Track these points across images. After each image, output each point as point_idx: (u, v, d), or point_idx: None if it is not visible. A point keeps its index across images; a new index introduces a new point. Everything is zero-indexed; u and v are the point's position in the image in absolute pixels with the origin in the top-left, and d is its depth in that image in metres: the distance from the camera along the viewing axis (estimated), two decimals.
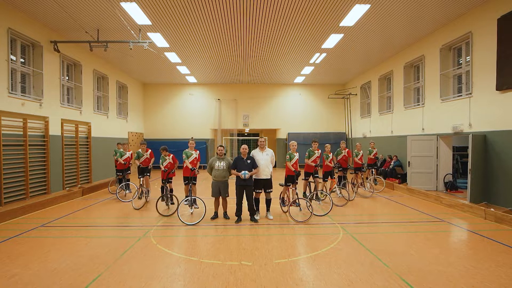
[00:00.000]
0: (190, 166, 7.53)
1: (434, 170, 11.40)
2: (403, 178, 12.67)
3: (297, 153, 7.84)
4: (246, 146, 7.10)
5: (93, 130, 13.97)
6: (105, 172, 14.67)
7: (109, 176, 14.50)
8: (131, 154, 10.26)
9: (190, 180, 7.48)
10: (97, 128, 14.38)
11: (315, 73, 17.73)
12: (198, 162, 7.96)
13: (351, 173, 11.19)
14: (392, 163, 13.95)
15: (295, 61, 15.52)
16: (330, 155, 9.35)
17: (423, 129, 12.19)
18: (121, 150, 10.10)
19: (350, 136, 19.93)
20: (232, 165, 7.11)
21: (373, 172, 11.44)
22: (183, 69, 16.86)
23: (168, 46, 12.84)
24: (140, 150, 9.48)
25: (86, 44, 11.29)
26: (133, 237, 5.96)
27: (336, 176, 9.92)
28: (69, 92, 12.75)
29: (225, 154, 7.34)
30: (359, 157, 10.81)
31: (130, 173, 10.25)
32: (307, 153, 8.54)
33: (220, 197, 7.29)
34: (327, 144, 9.55)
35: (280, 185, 7.75)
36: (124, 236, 6.13)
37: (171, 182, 8.27)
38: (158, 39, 11.97)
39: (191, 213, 7.37)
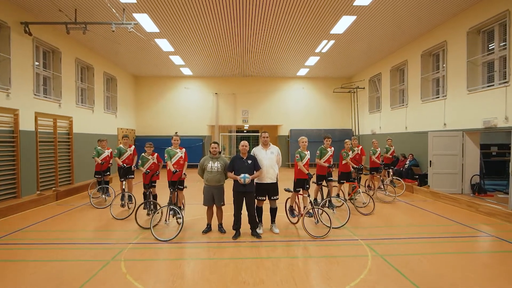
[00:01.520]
0: (172, 169, 6.12)
1: (459, 171, 10.04)
2: (421, 179, 11.29)
3: (308, 151, 6.44)
4: (246, 142, 5.71)
5: (76, 126, 12.54)
6: (90, 172, 13.18)
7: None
8: (111, 153, 8.83)
9: (175, 185, 6.04)
10: (81, 123, 12.95)
11: (320, 64, 16.30)
12: (186, 163, 6.54)
13: (364, 174, 9.80)
14: (407, 162, 12.57)
15: (300, 51, 14.09)
16: (350, 153, 7.97)
17: (444, 124, 10.81)
18: (99, 148, 8.66)
19: (356, 133, 18.54)
20: (228, 167, 5.72)
21: (390, 173, 10.06)
22: (177, 60, 15.41)
23: (158, 31, 11.40)
24: (121, 145, 8.06)
25: (65, 29, 9.83)
26: (99, 261, 4.57)
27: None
28: (46, 83, 11.31)
29: (220, 152, 5.95)
30: (376, 155, 9.43)
31: (109, 174, 8.82)
32: (318, 152, 7.14)
33: (214, 205, 5.91)
34: (346, 140, 8.15)
35: (286, 190, 6.34)
36: (88, 258, 4.73)
37: (154, 186, 6.85)
38: (146, 22, 10.52)
39: (167, 224, 5.94)
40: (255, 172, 5.62)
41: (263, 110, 19.77)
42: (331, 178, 7.09)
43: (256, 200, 5.84)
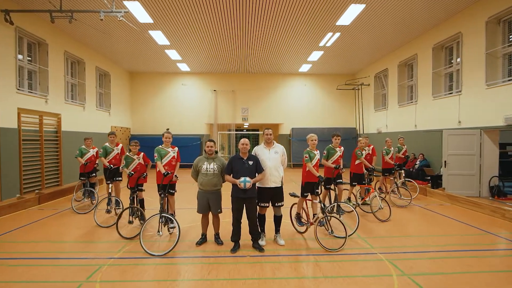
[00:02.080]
0: (162, 170, 5.32)
1: (476, 172, 9.29)
2: (433, 181, 10.53)
3: (318, 151, 5.68)
4: (246, 140, 4.93)
5: (65, 123, 11.75)
6: None
7: None
8: (96, 152, 8.03)
9: (165, 189, 5.26)
10: (70, 120, 12.16)
11: (323, 60, 15.53)
12: (178, 164, 5.77)
13: (375, 176, 9.01)
14: (417, 162, 11.81)
15: (303, 45, 13.31)
16: (364, 152, 7.21)
17: (459, 122, 10.06)
18: (83, 147, 7.88)
19: (361, 132, 17.79)
20: (226, 169, 4.96)
21: (401, 175, 9.29)
22: (173, 54, 14.62)
23: (152, 21, 10.62)
24: (107, 144, 7.28)
25: (50, 18, 9.02)
26: (70, 283, 3.81)
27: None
28: (31, 77, 10.51)
29: (217, 152, 5.18)
30: (389, 155, 8.66)
31: (95, 175, 8.03)
32: (325, 152, 6.37)
33: (210, 213, 5.14)
34: (360, 138, 7.38)
35: (292, 195, 5.57)
36: (58, 279, 3.96)
37: (141, 190, 6.06)
38: (138, 11, 9.74)
39: (160, 235, 5.09)
40: (257, 175, 4.85)
41: (263, 108, 19.00)
42: (341, 180, 6.31)
43: (258, 207, 5.08)
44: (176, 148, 5.78)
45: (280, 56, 15.18)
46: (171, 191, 5.53)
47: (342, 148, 6.43)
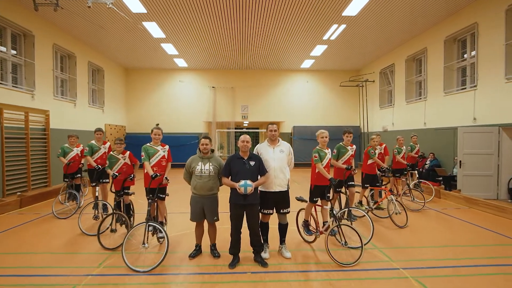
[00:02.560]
0: (150, 172, 4.64)
1: (494, 172, 8.62)
2: (445, 182, 9.87)
3: (329, 150, 5.00)
4: (247, 137, 4.26)
5: (54, 120, 11.07)
6: None
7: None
8: (81, 151, 7.35)
9: (155, 193, 4.58)
10: (60, 118, 11.48)
11: (327, 54, 14.84)
12: (169, 164, 5.09)
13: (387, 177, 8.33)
14: (427, 162, 11.14)
15: (306, 38, 12.62)
16: (376, 151, 6.54)
17: (474, 118, 9.39)
18: (66, 145, 7.19)
19: (365, 130, 17.12)
20: (223, 170, 4.28)
21: (414, 175, 8.63)
22: (170, 48, 13.93)
23: (146, 11, 9.93)
24: (93, 141, 6.59)
25: (41, 9, 8.35)
26: None
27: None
28: (16, 70, 9.82)
29: (213, 151, 4.50)
30: (401, 155, 7.99)
31: (80, 176, 7.34)
32: (335, 151, 5.70)
33: (205, 221, 4.47)
34: (373, 136, 6.69)
35: (299, 199, 4.90)
36: None
37: (128, 194, 5.37)
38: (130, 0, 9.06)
39: (145, 247, 4.35)
40: (259, 177, 4.18)
41: (264, 105, 18.31)
42: (352, 183, 5.64)
43: (260, 214, 4.40)
44: (167, 147, 5.10)
45: (282, 51, 14.49)
46: (160, 195, 4.84)
47: (354, 146, 5.76)
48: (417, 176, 8.54)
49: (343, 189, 5.64)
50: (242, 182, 3.97)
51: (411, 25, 11.24)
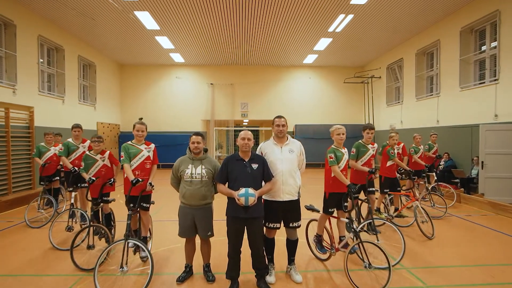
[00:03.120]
0: (131, 177, 3.81)
1: None
2: (463, 184, 9.07)
3: (346, 149, 4.20)
4: (249, 133, 3.44)
5: (39, 118, 10.25)
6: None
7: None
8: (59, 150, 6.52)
9: (137, 203, 3.78)
10: (46, 115, 10.66)
11: (331, 48, 14.04)
12: (154, 167, 4.27)
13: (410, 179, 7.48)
14: (441, 162, 10.34)
15: (310, 31, 11.81)
16: (395, 150, 5.74)
17: (496, 115, 8.60)
18: (42, 144, 6.37)
19: None
20: (218, 175, 3.47)
21: (432, 178, 7.81)
22: (165, 42, 13.10)
23: None
24: (70, 139, 5.78)
25: None
26: None
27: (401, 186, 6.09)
28: None
29: (206, 151, 3.69)
30: (418, 154, 7.19)
31: (58, 179, 6.51)
32: (354, 150, 4.89)
33: (197, 236, 3.66)
34: (392, 134, 5.87)
35: (309, 209, 4.09)
36: None
37: (108, 201, 4.56)
38: None
39: (124, 271, 3.45)
40: (263, 184, 3.38)
41: (264, 102, 17.49)
42: (373, 188, 4.83)
43: (265, 229, 3.60)
44: (152, 146, 4.27)
45: (284, 45, 13.69)
46: (144, 205, 4.02)
47: (376, 145, 4.96)
48: (435, 178, 7.73)
49: (361, 195, 4.84)
50: (242, 190, 3.16)
51: (423, 16, 10.44)
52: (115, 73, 16.60)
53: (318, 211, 4.14)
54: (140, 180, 3.72)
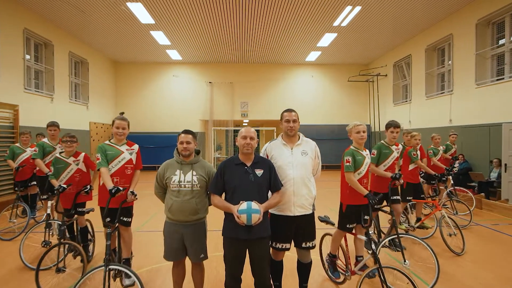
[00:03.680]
0: (108, 184, 3.08)
1: None
2: (482, 189, 8.38)
3: (367, 151, 3.50)
4: (251, 130, 2.73)
5: (25, 117, 9.55)
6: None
7: None
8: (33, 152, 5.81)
9: (116, 217, 3.08)
10: (33, 114, 9.96)
11: (336, 45, 13.37)
12: (137, 173, 3.53)
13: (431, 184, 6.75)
14: (456, 165, 9.61)
15: (314, 25, 11.13)
16: (418, 151, 5.05)
17: None
18: (16, 145, 5.67)
19: (376, 129, 15.64)
20: (213, 184, 2.75)
21: (449, 181, 7.10)
22: (160, 37, 12.41)
23: None
24: (46, 139, 5.08)
25: None
26: None
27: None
28: None
29: (198, 153, 2.99)
30: (438, 157, 6.50)
31: (35, 184, 5.79)
32: (374, 152, 4.17)
33: (186, 259, 2.95)
34: (414, 133, 5.17)
35: (323, 220, 3.39)
36: None
37: (82, 213, 3.84)
38: None
39: None
40: (270, 195, 2.68)
41: (265, 102, 16.80)
42: (397, 197, 4.12)
43: (271, 250, 2.89)
44: (136, 147, 3.55)
45: (286, 42, 13.02)
46: (125, 219, 3.30)
47: (400, 146, 4.25)
48: (452, 182, 7.02)
49: (380, 205, 4.13)
50: (244, 205, 2.44)
51: (435, 7, 9.75)
52: (110, 71, 15.90)
53: (333, 225, 3.44)
54: (121, 189, 3.01)
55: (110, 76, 15.96)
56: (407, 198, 4.90)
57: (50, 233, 4.52)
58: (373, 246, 2.99)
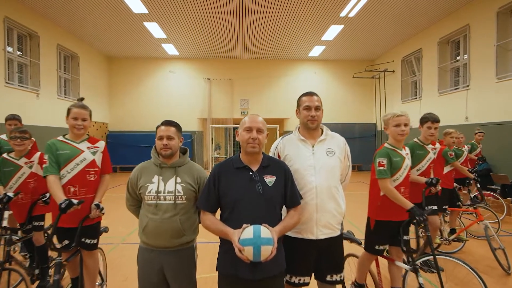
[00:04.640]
0: (57, 197, 2.22)
1: None
2: (504, 192, 7.63)
3: (408, 151, 2.73)
4: (259, 120, 1.93)
5: (5, 113, 8.61)
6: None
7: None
8: None
9: (75, 239, 2.30)
10: (14, 110, 8.78)
11: (341, 38, 12.61)
12: (105, 178, 2.69)
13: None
14: (476, 165, 8.86)
15: (319, 16, 10.35)
16: (453, 152, 4.29)
17: None
18: None
19: (382, 128, 14.84)
20: (202, 197, 1.93)
21: (471, 184, 6.32)
22: (155, 29, 11.61)
23: None
24: (3, 135, 4.32)
25: None
26: None
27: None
28: None
29: (185, 152, 2.21)
30: (463, 158, 5.72)
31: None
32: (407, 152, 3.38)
33: None
34: (451, 130, 4.41)
35: (347, 238, 2.61)
36: None
37: (40, 228, 3.03)
38: None
39: None
40: (284, 214, 1.90)
41: (266, 99, 16.00)
42: (435, 207, 3.35)
43: (285, 286, 2.11)
44: (101, 145, 2.71)
45: (289, 36, 12.25)
46: (87, 241, 2.48)
47: (438, 146, 3.49)
48: (477, 186, 6.24)
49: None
50: (249, 230, 1.63)
51: None
52: (103, 66, 15.09)
53: (360, 244, 2.67)
54: (75, 202, 2.20)
55: (103, 72, 15.16)
56: (443, 207, 4.12)
57: (13, 250, 3.75)
58: (420, 281, 2.21)
